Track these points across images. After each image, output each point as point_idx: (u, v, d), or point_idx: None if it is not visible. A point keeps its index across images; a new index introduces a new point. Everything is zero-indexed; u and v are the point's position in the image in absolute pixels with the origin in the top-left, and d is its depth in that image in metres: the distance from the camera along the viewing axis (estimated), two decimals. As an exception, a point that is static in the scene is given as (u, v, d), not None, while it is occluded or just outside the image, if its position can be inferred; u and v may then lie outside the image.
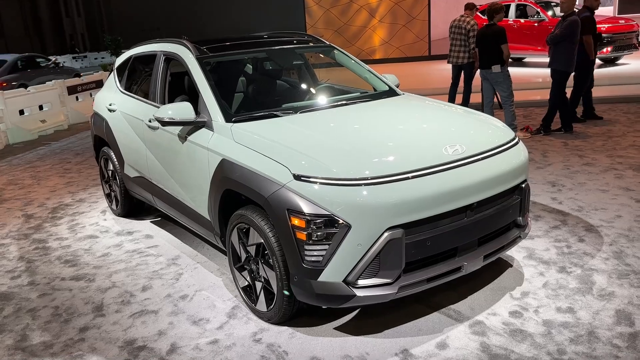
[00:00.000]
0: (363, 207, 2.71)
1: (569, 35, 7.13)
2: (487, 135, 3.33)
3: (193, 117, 3.56)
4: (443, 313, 3.24)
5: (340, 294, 2.80)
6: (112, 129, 4.99)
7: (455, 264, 3.01)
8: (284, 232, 2.86)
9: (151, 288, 3.83)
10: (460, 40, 9.04)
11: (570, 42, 7.17)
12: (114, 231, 5.04)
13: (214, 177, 3.43)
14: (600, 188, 5.22)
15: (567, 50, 7.22)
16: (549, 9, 13.81)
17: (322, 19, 18.98)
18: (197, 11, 33.39)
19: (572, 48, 7.20)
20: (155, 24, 38.11)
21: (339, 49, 4.64)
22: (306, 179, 2.80)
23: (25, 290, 3.96)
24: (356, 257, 2.76)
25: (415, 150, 3.02)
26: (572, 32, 7.11)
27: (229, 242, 3.44)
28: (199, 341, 3.14)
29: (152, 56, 4.61)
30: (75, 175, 7.34)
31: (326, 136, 3.22)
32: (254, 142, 3.19)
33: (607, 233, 4.19)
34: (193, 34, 4.78)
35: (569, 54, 7.23)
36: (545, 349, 2.84)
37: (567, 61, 7.27)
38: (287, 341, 3.07)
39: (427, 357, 2.83)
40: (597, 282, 3.46)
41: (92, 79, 13.07)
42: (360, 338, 3.05)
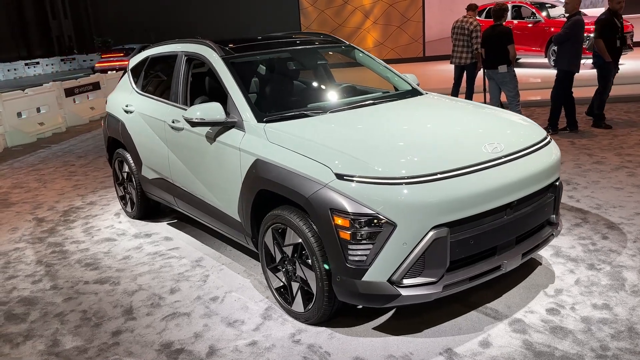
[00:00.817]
0: (408, 205, 2.70)
1: (572, 35, 7.18)
2: (522, 134, 3.34)
3: (223, 117, 3.53)
4: (481, 312, 3.24)
5: (385, 293, 2.79)
6: (128, 130, 4.94)
7: (496, 263, 3.02)
8: (326, 232, 2.84)
9: (179, 290, 3.80)
10: (463, 41, 9.08)
11: (573, 43, 7.22)
12: (131, 234, 4.99)
13: (246, 177, 3.40)
14: (614, 186, 5.27)
15: (569, 50, 7.28)
16: (544, 9, 13.95)
17: (317, 20, 18.99)
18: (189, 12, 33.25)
19: (574, 48, 7.25)
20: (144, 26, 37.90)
21: (360, 49, 4.64)
22: (349, 178, 2.79)
23: (49, 295, 3.90)
24: (401, 256, 2.75)
25: (455, 149, 3.02)
26: (574, 33, 7.17)
27: (262, 242, 3.41)
28: (237, 343, 3.11)
29: (171, 57, 4.58)
30: (82, 178, 7.25)
31: (363, 135, 3.21)
32: (290, 141, 3.17)
33: (629, 230, 4.23)
34: (185, 36, 4.73)
35: (571, 54, 7.28)
36: (588, 345, 2.85)
37: (569, 61, 7.32)
38: (327, 342, 3.05)
39: (472, 355, 2.83)
40: (628, 279, 3.49)
41: (89, 81, 12.94)
42: (401, 338, 3.04)
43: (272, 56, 4.41)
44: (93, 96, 12.91)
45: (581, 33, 7.20)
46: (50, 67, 37.64)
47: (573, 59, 7.30)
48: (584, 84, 9.92)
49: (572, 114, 7.56)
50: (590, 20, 12.72)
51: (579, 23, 7.18)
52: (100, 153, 8.82)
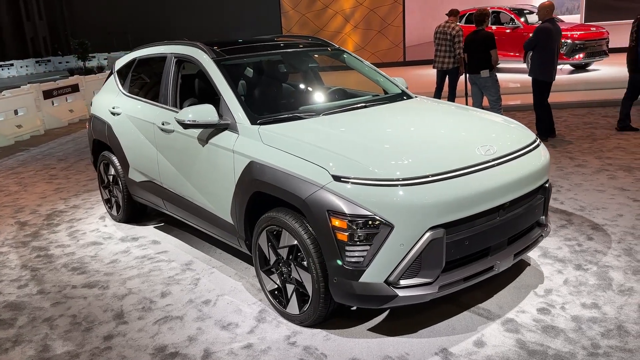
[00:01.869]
0: (406, 207, 2.73)
1: (536, 43, 7.21)
2: (513, 137, 3.40)
3: (216, 119, 3.52)
4: (473, 312, 3.28)
5: (382, 294, 2.81)
6: (115, 132, 4.88)
7: (489, 263, 3.06)
8: (323, 234, 2.85)
9: (170, 294, 3.76)
10: (446, 46, 9.19)
11: (540, 51, 7.22)
12: (118, 237, 4.93)
13: (240, 179, 3.39)
14: (596, 188, 5.39)
15: (537, 58, 7.31)
16: (522, 15, 14.20)
17: (298, 23, 19.03)
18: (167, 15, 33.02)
19: (541, 56, 7.23)
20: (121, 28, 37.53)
21: (348, 52, 4.67)
22: (346, 179, 2.81)
23: (36, 300, 3.83)
24: (398, 257, 2.77)
25: (450, 151, 3.06)
26: (538, 40, 7.18)
27: (256, 245, 3.40)
28: (232, 346, 3.09)
29: (159, 58, 4.54)
30: (64, 181, 7.13)
31: (359, 137, 3.23)
32: (285, 143, 3.17)
33: (613, 231, 4.33)
34: (164, 39, 4.70)
35: (539, 61, 7.28)
36: (580, 343, 2.91)
37: (536, 68, 7.36)
38: (323, 343, 3.06)
39: (467, 355, 2.87)
40: (614, 278, 3.57)
41: (68, 83, 12.74)
42: (396, 338, 3.06)
43: (263, 58, 4.42)
44: (72, 98, 12.72)
45: (548, 40, 7.11)
46: (25, 69, 37.00)
47: (541, 67, 7.26)
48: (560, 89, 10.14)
49: (549, 122, 7.57)
50: (567, 27, 13.03)
51: (544, 30, 7.12)
52: (82, 156, 8.70)
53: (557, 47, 7.24)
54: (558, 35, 7.16)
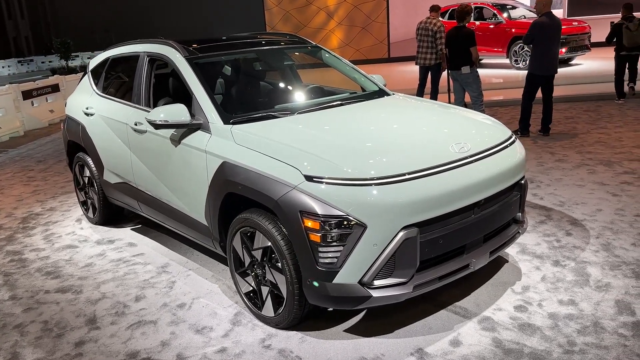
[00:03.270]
0: (378, 206, 2.69)
1: (530, 37, 7.23)
2: (487, 133, 3.37)
3: (188, 119, 3.45)
4: (450, 310, 3.26)
5: (356, 295, 2.77)
6: (89, 133, 4.79)
7: (464, 262, 3.03)
8: (296, 235, 2.80)
9: (145, 298, 3.69)
10: (428, 42, 9.17)
11: (535, 45, 7.24)
12: (94, 240, 4.84)
13: (213, 180, 3.33)
14: (576, 183, 5.40)
15: (533, 52, 7.35)
16: (505, 11, 14.22)
17: (282, 20, 18.92)
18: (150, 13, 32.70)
19: (536, 50, 7.25)
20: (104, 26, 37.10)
21: (326, 49, 4.61)
22: (318, 179, 2.76)
23: (7, 306, 3.74)
24: (372, 258, 2.73)
25: (423, 149, 3.03)
26: (532, 34, 7.19)
27: (230, 247, 3.35)
28: (206, 350, 3.04)
29: (133, 57, 4.46)
30: (41, 183, 7.01)
31: (332, 136, 3.18)
32: (258, 143, 3.12)
33: (592, 226, 4.33)
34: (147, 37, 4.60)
35: (533, 55, 7.32)
36: (556, 341, 2.89)
37: (532, 62, 7.39)
38: (298, 346, 3.01)
39: (443, 355, 2.84)
40: (592, 274, 3.56)
41: (48, 83, 12.55)
42: (372, 339, 3.02)
43: (237, 56, 4.35)
44: (52, 99, 12.53)
45: (543, 35, 7.10)
46: (7, 69, 36.47)
47: (536, 61, 7.26)
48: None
49: (527, 118, 7.55)
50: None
51: (539, 25, 7.13)
52: (61, 157, 8.56)
53: (557, 41, 7.16)
54: (555, 30, 7.05)
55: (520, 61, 13.27)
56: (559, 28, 7.20)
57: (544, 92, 7.37)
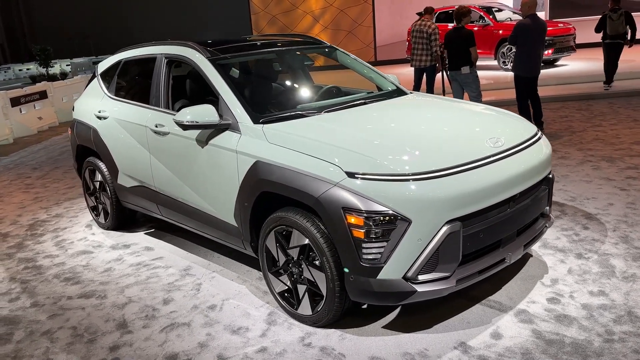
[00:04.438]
0: (422, 201, 2.71)
1: (514, 38, 7.36)
2: (516, 129, 3.42)
3: (217, 119, 3.44)
4: (485, 305, 3.29)
5: (401, 290, 2.79)
6: (102, 137, 4.73)
7: (501, 255, 3.07)
8: (338, 231, 2.81)
9: (173, 300, 3.65)
10: (422, 44, 9.26)
11: (519, 46, 7.37)
12: (108, 245, 4.77)
13: (244, 180, 3.32)
14: (583, 179, 5.50)
15: (517, 53, 7.48)
16: (491, 13, 14.44)
17: (267, 24, 18.92)
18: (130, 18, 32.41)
19: (519, 51, 7.39)
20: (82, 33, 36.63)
21: (342, 50, 4.64)
22: (361, 176, 2.77)
23: (31, 313, 3.67)
24: (416, 253, 2.75)
25: (461, 144, 3.06)
26: (514, 35, 7.32)
27: (263, 246, 3.33)
28: (246, 350, 3.02)
29: (148, 60, 4.42)
30: (41, 190, 6.89)
31: (366, 133, 3.20)
32: (293, 141, 3.12)
33: (607, 220, 4.41)
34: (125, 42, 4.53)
35: (517, 57, 7.46)
36: (594, 331, 2.94)
37: (516, 64, 7.52)
38: (338, 343, 3.01)
39: (486, 347, 2.86)
40: (616, 266, 3.63)
41: (35, 90, 12.34)
42: (413, 335, 3.04)
43: (258, 57, 4.34)
44: (40, 105, 12.33)
45: (527, 36, 7.20)
46: (-17, 77, 35.72)
47: (520, 62, 7.41)
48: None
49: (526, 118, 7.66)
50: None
51: (522, 26, 7.23)
52: (57, 164, 8.43)
53: (541, 43, 7.30)
54: (539, 31, 7.19)
55: (508, 62, 13.47)
56: (544, 30, 7.35)
57: (529, 91, 7.52)
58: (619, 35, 9.96)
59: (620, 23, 9.86)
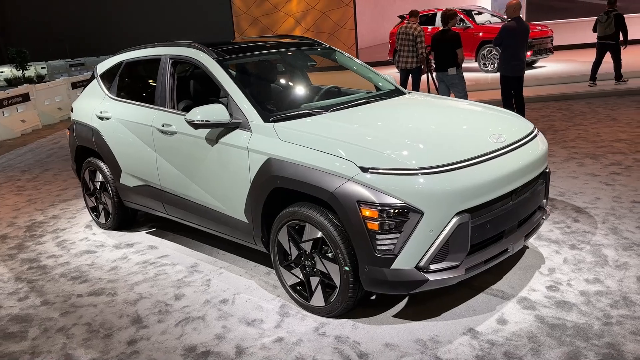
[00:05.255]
0: (434, 194, 2.85)
1: (498, 40, 7.68)
2: (515, 125, 3.59)
3: (228, 118, 3.54)
4: (488, 293, 3.45)
5: (414, 279, 2.92)
6: (104, 137, 4.77)
7: (504, 246, 3.23)
8: (353, 224, 2.93)
9: (185, 296, 3.73)
10: (408, 46, 9.45)
11: (504, 47, 7.68)
12: (111, 244, 4.82)
13: (256, 177, 3.42)
14: (570, 175, 5.73)
15: (502, 55, 7.81)
16: (471, 16, 14.75)
17: (250, 26, 18.97)
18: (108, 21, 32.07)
19: (504, 53, 7.71)
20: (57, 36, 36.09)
21: (340, 51, 4.77)
22: (374, 170, 2.90)
23: (42, 311, 3.71)
24: (428, 243, 2.89)
25: (466, 140, 3.22)
26: (501, 37, 7.64)
27: (275, 241, 3.44)
28: (263, 340, 3.12)
29: (152, 61, 4.49)
30: (34, 192, 6.87)
31: (376, 130, 3.33)
32: (305, 139, 3.23)
33: (596, 213, 4.62)
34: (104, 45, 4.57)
35: (502, 58, 7.80)
36: (593, 315, 3.12)
37: (501, 64, 7.86)
38: (352, 332, 3.13)
39: (494, 332, 3.02)
40: (608, 255, 3.83)
41: (18, 92, 12.20)
42: (423, 322, 3.18)
43: (262, 58, 4.44)
44: (23, 108, 12.19)
45: (511, 38, 7.50)
46: (-45, 81, 34.93)
47: (505, 63, 7.75)
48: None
49: None
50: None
51: (507, 29, 7.56)
52: (46, 166, 8.38)
53: (524, 45, 7.61)
54: (523, 34, 7.49)
55: (488, 64, 13.78)
56: (527, 32, 7.68)
57: (515, 91, 7.84)
58: (606, 37, 10.60)
59: (608, 25, 10.51)
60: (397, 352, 2.91)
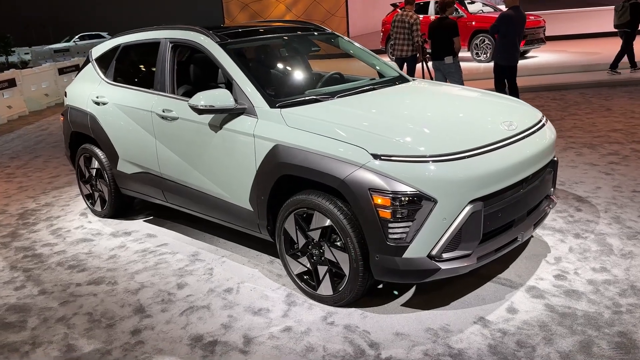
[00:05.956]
0: (448, 181, 2.80)
1: (495, 29, 7.67)
2: (525, 113, 3.56)
3: (233, 104, 3.45)
4: (496, 282, 3.42)
5: (426, 268, 2.88)
6: (101, 123, 4.65)
7: (514, 234, 3.20)
8: (365, 212, 2.87)
9: (187, 285, 3.66)
10: (404, 34, 9.35)
11: (500, 36, 7.67)
12: (108, 233, 4.72)
13: (262, 164, 3.35)
14: (569, 164, 5.72)
15: (498, 43, 7.82)
16: (463, 5, 14.70)
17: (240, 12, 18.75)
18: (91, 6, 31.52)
19: (500, 41, 7.71)
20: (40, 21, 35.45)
21: (344, 37, 4.69)
22: (387, 157, 2.84)
23: (40, 300, 3.62)
24: (441, 231, 2.85)
25: (479, 127, 3.17)
26: (498, 26, 7.64)
27: (282, 229, 3.38)
28: (271, 330, 3.07)
29: (151, 44, 4.37)
30: (25, 179, 6.72)
31: (387, 117, 3.27)
32: (314, 125, 3.16)
33: (597, 202, 4.62)
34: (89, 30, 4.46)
35: (498, 46, 7.80)
36: (602, 304, 3.11)
37: (496, 53, 7.86)
38: (361, 321, 3.09)
39: (505, 321, 2.99)
40: (613, 244, 3.83)
41: (3, 77, 11.93)
42: (432, 312, 3.14)
43: (266, 42, 4.34)
44: (9, 94, 11.93)
45: (508, 27, 7.50)
46: (-64, 66, 34.19)
47: (500, 52, 7.75)
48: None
49: None
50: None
51: (504, 18, 7.56)
52: (35, 153, 8.21)
53: (520, 34, 7.61)
54: (520, 23, 7.49)
55: (481, 54, 13.76)
56: (524, 22, 7.70)
57: (508, 80, 7.85)
58: (620, 25, 10.82)
59: (623, 13, 10.72)
60: (408, 342, 2.88)
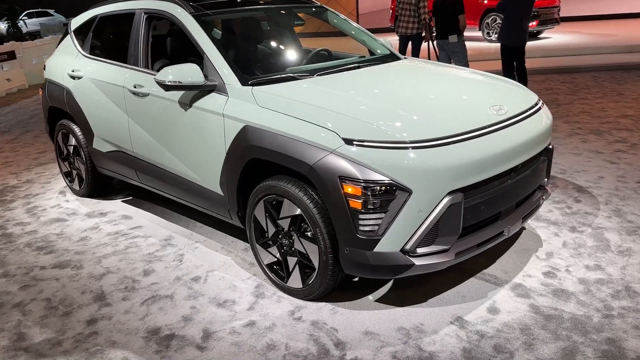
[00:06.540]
0: (424, 170, 2.55)
1: (501, 7, 7.34)
2: (519, 96, 3.28)
3: (202, 80, 3.21)
4: (480, 278, 3.19)
5: (398, 264, 2.65)
6: (76, 98, 4.44)
7: (499, 228, 2.95)
8: (334, 202, 2.64)
9: (154, 272, 3.47)
10: (410, 11, 8.99)
11: (506, 15, 7.33)
12: (83, 213, 4.54)
13: (232, 146, 3.12)
14: (572, 152, 5.43)
15: (503, 23, 7.47)
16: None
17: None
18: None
19: (506, 21, 7.37)
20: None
21: (332, 11, 4.41)
22: (359, 143, 2.60)
23: (0, 284, 3.45)
24: (416, 224, 2.61)
25: (463, 111, 2.91)
26: (500, 4, 7.34)
27: (252, 216, 3.16)
28: (233, 324, 2.87)
29: (126, 15, 4.12)
30: (11, 154, 6.56)
31: (364, 98, 3.01)
32: (285, 105, 2.92)
33: (599, 193, 4.34)
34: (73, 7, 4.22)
35: (503, 26, 7.46)
36: (593, 306, 2.87)
37: (502, 33, 7.52)
38: (330, 317, 2.88)
39: (483, 322, 2.77)
40: (611, 240, 3.57)
41: (3, 49, 11.75)
42: (407, 309, 2.93)
43: (245, 15, 4.08)
44: (8, 67, 11.75)
45: (514, 7, 7.15)
46: None
47: (505, 32, 7.41)
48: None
49: None
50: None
51: None
52: (27, 127, 8.05)
53: (527, 14, 7.23)
54: (527, 2, 7.12)
55: (492, 33, 13.31)
56: (532, 1, 7.28)
57: (516, 62, 7.49)
58: None
59: None
60: (377, 342, 2.67)
